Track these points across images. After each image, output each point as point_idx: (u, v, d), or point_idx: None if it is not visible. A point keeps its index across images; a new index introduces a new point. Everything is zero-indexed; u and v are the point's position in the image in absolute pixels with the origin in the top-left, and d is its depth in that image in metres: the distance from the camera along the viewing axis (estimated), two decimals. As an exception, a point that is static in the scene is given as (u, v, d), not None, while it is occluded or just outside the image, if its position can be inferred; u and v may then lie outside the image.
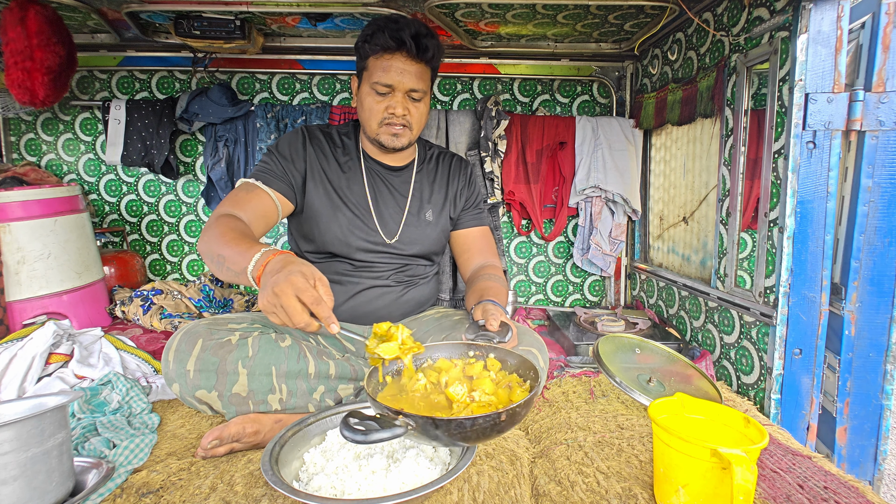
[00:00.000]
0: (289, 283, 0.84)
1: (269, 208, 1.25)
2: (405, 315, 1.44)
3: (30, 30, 1.66)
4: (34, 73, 1.73)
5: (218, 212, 1.16)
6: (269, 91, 2.38)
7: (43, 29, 1.68)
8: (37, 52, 1.70)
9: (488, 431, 0.80)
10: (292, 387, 1.11)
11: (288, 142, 1.35)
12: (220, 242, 1.02)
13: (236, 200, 1.20)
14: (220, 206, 1.19)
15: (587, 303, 2.52)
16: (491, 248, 1.51)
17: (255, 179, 1.27)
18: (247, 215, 1.17)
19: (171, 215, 2.45)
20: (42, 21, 1.68)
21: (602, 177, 2.22)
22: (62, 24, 1.78)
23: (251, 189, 1.24)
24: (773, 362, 1.32)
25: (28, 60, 1.70)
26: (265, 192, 1.25)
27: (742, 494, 0.73)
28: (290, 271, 0.85)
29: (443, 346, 1.05)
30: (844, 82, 1.24)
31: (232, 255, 0.98)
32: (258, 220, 1.21)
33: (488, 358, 1.02)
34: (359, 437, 0.75)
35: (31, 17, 1.65)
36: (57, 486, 0.83)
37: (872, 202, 1.26)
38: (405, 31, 1.22)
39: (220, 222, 1.09)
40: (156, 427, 1.18)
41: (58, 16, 1.76)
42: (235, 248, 0.98)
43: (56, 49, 1.74)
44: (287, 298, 0.83)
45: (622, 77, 2.35)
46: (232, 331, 1.13)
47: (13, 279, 1.73)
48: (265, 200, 1.24)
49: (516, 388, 0.93)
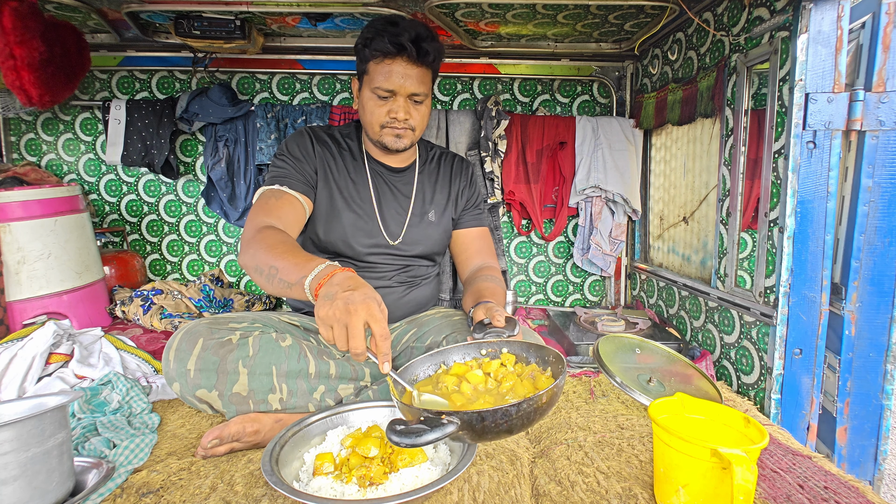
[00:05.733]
0: (366, 306, 0.83)
1: (300, 212, 1.26)
2: (406, 315, 1.44)
3: (5, 27, 1.62)
4: (20, 71, 1.70)
5: (255, 224, 1.15)
6: (269, 91, 2.38)
7: (17, 25, 1.64)
8: (15, 48, 1.66)
9: (532, 416, 0.79)
10: (293, 386, 1.11)
11: (297, 143, 1.34)
12: (272, 254, 1.01)
13: (268, 209, 1.20)
14: (254, 216, 1.18)
15: (587, 303, 2.52)
16: (489, 249, 1.50)
17: (280, 185, 1.26)
18: (282, 223, 1.18)
19: (171, 215, 2.45)
20: (16, 17, 1.63)
21: (602, 177, 2.22)
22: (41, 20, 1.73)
23: (280, 196, 1.24)
24: (773, 362, 1.32)
25: (10, 59, 1.67)
26: (293, 197, 1.25)
27: (742, 494, 0.73)
28: (368, 296, 0.85)
29: (454, 349, 1.04)
30: (844, 82, 1.24)
31: (286, 266, 0.97)
32: (293, 225, 1.22)
33: (502, 353, 1.01)
34: (410, 441, 0.73)
35: (5, 15, 1.61)
36: (57, 486, 0.83)
37: (872, 202, 1.26)
38: (405, 35, 1.21)
39: (265, 234, 1.09)
40: (156, 427, 1.18)
41: (36, 11, 1.71)
42: (291, 259, 0.98)
43: (34, 44, 1.70)
44: (357, 319, 0.81)
45: (622, 77, 2.35)
46: (233, 330, 1.13)
47: (13, 279, 1.73)
48: (295, 205, 1.25)
49: (539, 376, 0.93)
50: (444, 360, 1.03)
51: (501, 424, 0.77)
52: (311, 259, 0.97)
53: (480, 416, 0.76)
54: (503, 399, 0.89)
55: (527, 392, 0.89)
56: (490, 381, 0.94)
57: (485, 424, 0.76)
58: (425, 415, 0.78)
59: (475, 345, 1.04)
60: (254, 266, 1.05)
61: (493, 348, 1.03)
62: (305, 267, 0.95)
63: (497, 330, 1.06)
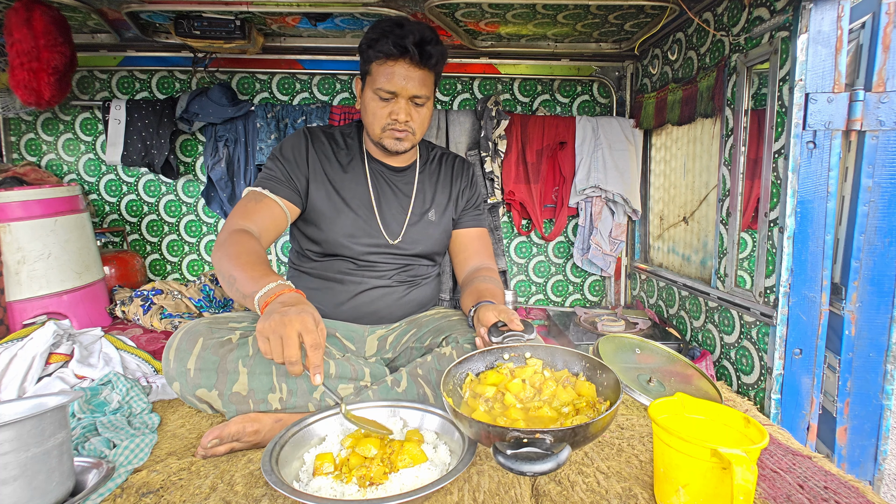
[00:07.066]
0: (300, 319, 0.88)
1: (279, 217, 1.28)
2: (407, 315, 1.44)
3: (36, 30, 1.66)
4: (40, 73, 1.73)
5: (230, 226, 1.19)
6: (269, 91, 2.38)
7: (49, 29, 1.68)
8: (44, 52, 1.70)
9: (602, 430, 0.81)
10: (292, 386, 1.11)
11: (291, 145, 1.35)
12: (233, 264, 1.07)
13: (246, 212, 1.23)
14: (231, 218, 1.22)
15: (587, 303, 2.52)
16: (487, 249, 1.50)
17: (262, 188, 1.28)
18: (257, 227, 1.21)
19: (171, 215, 2.45)
20: (48, 21, 1.68)
21: (602, 177, 2.22)
22: (66, 25, 1.77)
23: (260, 199, 1.26)
24: (773, 362, 1.32)
25: (35, 61, 1.70)
26: (273, 201, 1.27)
27: (742, 494, 0.73)
28: (303, 310, 0.90)
29: (477, 357, 1.02)
30: (844, 82, 1.24)
31: (244, 278, 1.03)
32: (268, 230, 1.25)
33: (528, 358, 1.01)
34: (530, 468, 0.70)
35: (36, 18, 1.65)
36: (57, 486, 0.83)
37: (872, 202, 1.26)
38: (409, 38, 1.21)
39: (233, 240, 1.13)
40: (156, 427, 1.17)
41: (62, 16, 1.75)
42: (249, 272, 1.03)
43: (62, 49, 1.75)
44: (291, 330, 0.87)
45: (622, 77, 2.35)
46: (233, 329, 1.13)
47: (13, 279, 1.73)
48: (274, 209, 1.27)
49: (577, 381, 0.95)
50: (469, 368, 1.01)
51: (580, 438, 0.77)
52: (266, 275, 1.02)
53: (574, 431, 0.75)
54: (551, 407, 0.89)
55: (571, 398, 0.90)
56: (528, 389, 0.94)
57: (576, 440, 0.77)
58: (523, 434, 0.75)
59: (497, 350, 1.03)
60: (218, 270, 1.11)
61: (517, 353, 1.02)
62: (259, 282, 1.00)
63: (516, 334, 1.06)
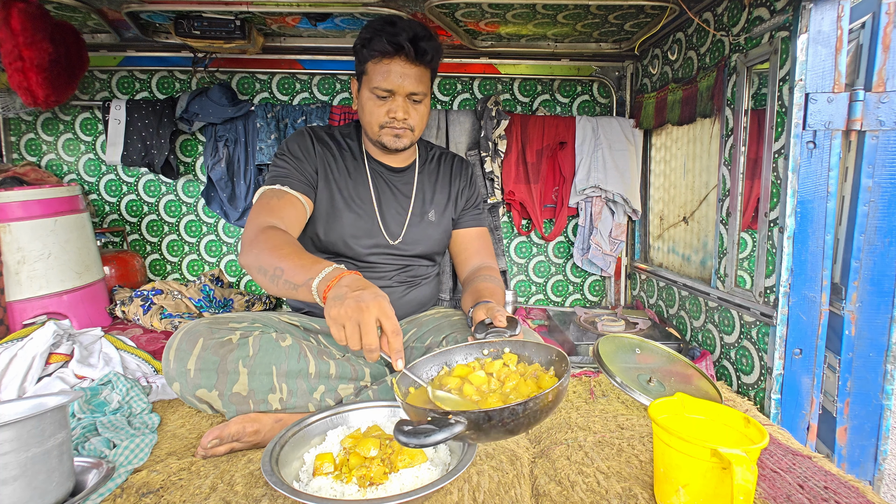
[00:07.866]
0: (377, 304, 0.84)
1: (301, 212, 1.26)
2: (406, 315, 1.44)
3: (14, 29, 1.62)
4: (28, 72, 1.71)
5: (257, 224, 1.15)
6: (269, 91, 2.38)
7: (26, 26, 1.64)
8: (24, 50, 1.66)
9: (538, 415, 0.79)
10: (293, 386, 1.11)
11: (297, 143, 1.34)
12: (276, 255, 1.02)
13: (270, 209, 1.20)
14: (255, 217, 1.18)
15: (587, 303, 2.52)
16: (488, 249, 1.50)
17: (281, 185, 1.26)
18: (284, 223, 1.18)
19: (171, 215, 2.45)
20: (25, 18, 1.63)
21: (602, 177, 2.22)
22: (49, 21, 1.74)
23: (282, 196, 1.24)
24: (773, 362, 1.32)
25: (18, 60, 1.68)
26: (295, 197, 1.25)
27: (742, 494, 0.73)
28: (377, 294, 0.86)
29: (456, 350, 1.03)
30: (844, 82, 1.24)
31: (293, 268, 0.98)
32: (294, 226, 1.23)
33: (504, 353, 1.01)
34: (418, 441, 0.72)
35: (14, 16, 1.61)
36: (57, 486, 0.83)
37: (872, 202, 1.26)
38: (402, 35, 1.21)
39: (268, 235, 1.09)
40: (156, 427, 1.18)
41: (43, 11, 1.71)
42: (297, 261, 0.99)
43: (43, 46, 1.70)
44: (369, 316, 0.83)
45: (622, 77, 2.35)
46: (233, 330, 1.13)
47: (13, 279, 1.73)
48: (297, 205, 1.25)
49: (542, 375, 0.93)
50: (446, 360, 1.02)
51: (508, 423, 0.77)
52: (317, 261, 0.98)
53: (487, 415, 0.75)
54: (507, 399, 0.88)
55: (531, 391, 0.89)
56: (493, 382, 0.94)
57: (492, 423, 0.76)
58: (432, 415, 0.77)
59: (477, 345, 1.04)
60: (257, 266, 1.05)
61: (496, 348, 1.03)
62: (312, 269, 0.95)
63: (498, 330, 1.06)
